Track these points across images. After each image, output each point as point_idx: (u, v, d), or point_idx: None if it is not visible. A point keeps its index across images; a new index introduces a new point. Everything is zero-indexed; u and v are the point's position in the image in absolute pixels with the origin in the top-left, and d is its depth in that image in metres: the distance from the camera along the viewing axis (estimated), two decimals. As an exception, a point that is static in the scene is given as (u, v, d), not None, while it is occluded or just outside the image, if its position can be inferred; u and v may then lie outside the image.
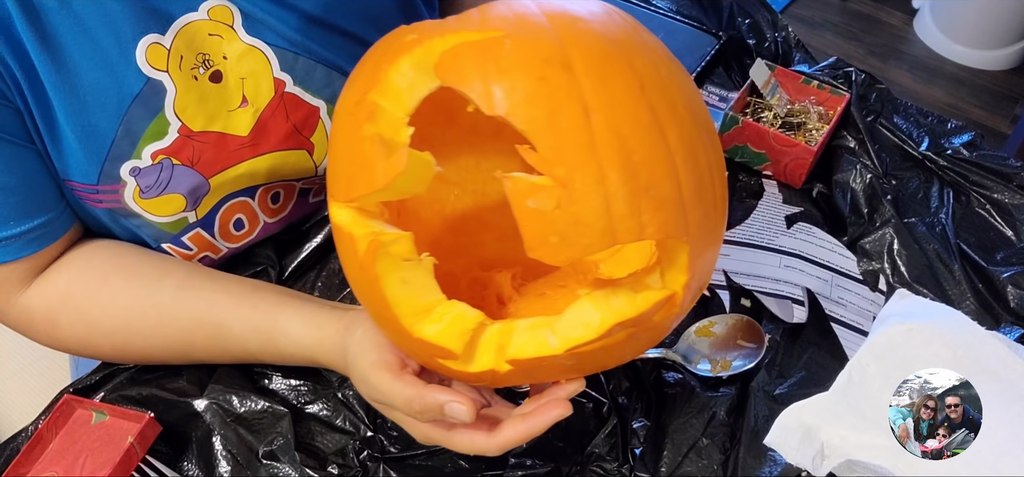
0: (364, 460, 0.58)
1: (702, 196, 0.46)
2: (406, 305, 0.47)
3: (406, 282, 0.47)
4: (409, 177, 0.46)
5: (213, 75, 0.59)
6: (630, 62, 0.45)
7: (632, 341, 0.48)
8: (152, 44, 0.56)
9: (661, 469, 0.59)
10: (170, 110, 0.57)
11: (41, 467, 0.55)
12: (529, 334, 0.46)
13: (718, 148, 0.50)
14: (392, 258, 0.47)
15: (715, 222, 0.49)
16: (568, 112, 0.42)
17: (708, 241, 0.48)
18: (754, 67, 0.82)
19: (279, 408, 0.60)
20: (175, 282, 0.60)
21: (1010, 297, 0.70)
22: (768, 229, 0.76)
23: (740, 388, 0.63)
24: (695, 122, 0.47)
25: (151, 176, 0.59)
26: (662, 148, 0.44)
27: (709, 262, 0.50)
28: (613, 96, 0.44)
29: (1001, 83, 2.29)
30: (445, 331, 0.46)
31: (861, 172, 0.78)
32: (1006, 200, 0.78)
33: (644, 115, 0.44)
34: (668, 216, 0.44)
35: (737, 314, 0.68)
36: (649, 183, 0.43)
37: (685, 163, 0.45)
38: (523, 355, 0.46)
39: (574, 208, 0.42)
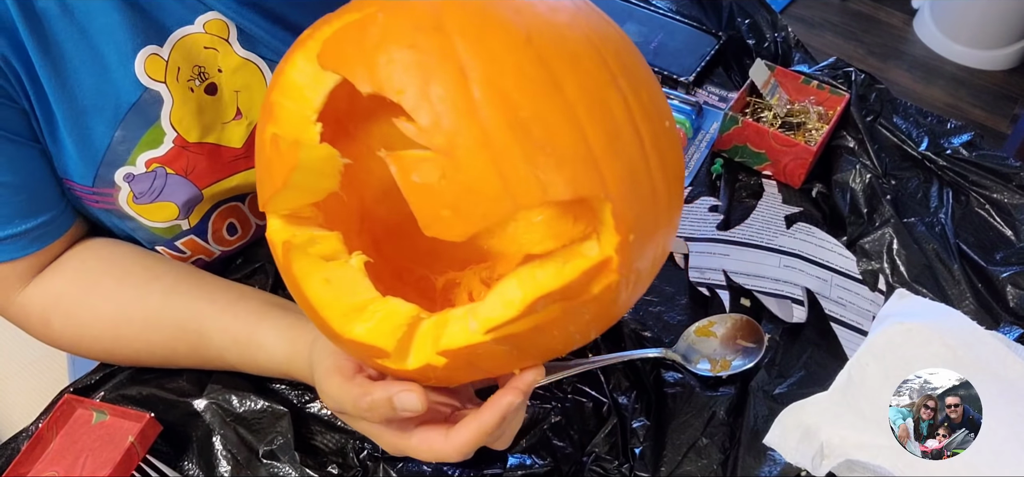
0: (364, 460, 0.58)
1: (620, 149, 0.42)
2: (333, 306, 0.45)
3: (330, 282, 0.45)
4: (312, 172, 0.44)
5: (208, 87, 0.59)
6: (515, 13, 0.42)
7: (573, 317, 0.44)
8: (151, 55, 0.56)
9: (661, 469, 0.59)
10: (166, 120, 0.58)
11: (41, 467, 0.55)
12: (459, 323, 0.43)
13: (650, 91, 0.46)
14: (310, 258, 0.45)
15: (651, 174, 0.44)
16: (442, 76, 0.39)
17: (644, 193, 0.44)
18: (754, 67, 0.82)
19: (279, 408, 0.60)
20: (164, 286, 0.60)
21: (1009, 297, 0.70)
22: (768, 229, 0.76)
23: (740, 388, 0.63)
24: (598, 68, 0.43)
25: (145, 183, 0.59)
26: (557, 100, 0.40)
27: (657, 223, 0.46)
28: (491, 51, 0.40)
29: (1000, 83, 2.29)
30: (375, 329, 0.44)
31: (860, 172, 0.78)
32: (1005, 200, 0.78)
33: (531, 68, 0.40)
34: (574, 172, 0.40)
35: (737, 314, 0.68)
36: (544, 139, 0.39)
37: (590, 114, 0.41)
38: (453, 344, 0.43)
39: (461, 176, 0.39)
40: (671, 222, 0.48)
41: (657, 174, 0.44)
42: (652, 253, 0.46)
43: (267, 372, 0.59)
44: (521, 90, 0.40)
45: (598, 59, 0.43)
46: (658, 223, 0.46)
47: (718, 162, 0.83)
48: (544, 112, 0.40)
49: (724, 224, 0.77)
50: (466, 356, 0.43)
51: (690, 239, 0.75)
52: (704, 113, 0.90)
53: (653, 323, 0.68)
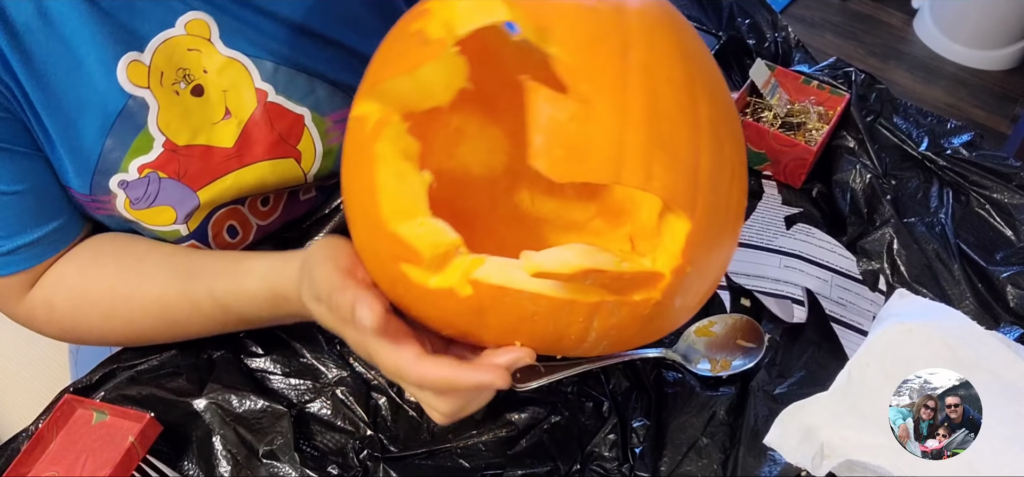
0: (364, 460, 0.58)
1: (717, 188, 0.45)
2: (392, 198, 0.45)
3: (400, 176, 0.46)
4: (439, 73, 0.45)
5: (194, 89, 0.59)
6: (679, 33, 0.46)
7: (604, 313, 0.45)
8: (132, 62, 0.56)
9: (661, 468, 0.59)
10: (154, 125, 0.58)
11: (42, 467, 0.55)
12: (500, 266, 0.44)
13: (743, 162, 0.49)
14: (394, 148, 0.46)
15: (725, 226, 0.47)
16: (609, 41, 0.43)
17: (714, 240, 0.46)
18: (754, 67, 0.82)
19: (279, 408, 0.60)
20: (162, 252, 0.61)
21: (1010, 297, 0.70)
22: (768, 230, 0.76)
23: (740, 388, 0.64)
24: (727, 119, 0.47)
25: (139, 189, 0.59)
26: (691, 115, 0.44)
27: (712, 266, 0.48)
28: (656, 46, 0.44)
29: (1001, 83, 2.29)
30: (420, 235, 0.44)
31: (861, 172, 0.78)
32: (1006, 200, 0.78)
33: (681, 77, 0.44)
34: (677, 181, 0.43)
35: (737, 314, 0.68)
36: (668, 138, 0.42)
37: (709, 145, 0.44)
38: (487, 280, 0.43)
39: (588, 127, 0.41)
40: (715, 281, 0.51)
41: (729, 229, 0.48)
42: (690, 299, 0.48)
43: (252, 300, 0.57)
44: (669, 88, 0.43)
45: (724, 108, 0.47)
46: (709, 273, 0.48)
47: (718, 162, 0.83)
48: (677, 119, 0.43)
49: (724, 224, 0.77)
50: (492, 296, 0.44)
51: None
52: (704, 113, 0.90)
53: (653, 323, 0.68)
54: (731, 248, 0.51)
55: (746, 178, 0.50)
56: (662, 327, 0.50)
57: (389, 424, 0.61)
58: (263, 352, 0.64)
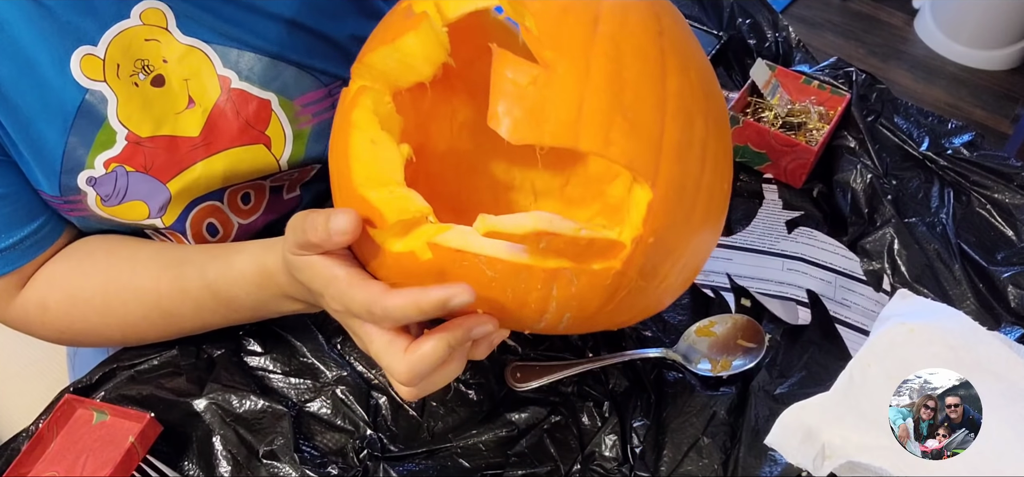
0: (364, 459, 0.58)
1: (685, 161, 0.45)
2: (364, 164, 0.46)
3: (375, 143, 0.47)
4: (421, 44, 0.47)
5: (155, 80, 0.58)
6: (657, 12, 0.46)
7: (563, 281, 0.44)
8: (86, 55, 0.56)
9: (661, 468, 0.59)
10: (114, 118, 0.57)
11: (42, 467, 0.55)
12: (461, 232, 0.44)
13: (726, 150, 0.49)
14: (369, 116, 0.47)
15: (696, 205, 0.47)
16: (579, 12, 0.44)
17: (683, 217, 0.46)
18: (755, 67, 0.82)
19: (279, 408, 0.60)
20: (158, 246, 0.61)
21: (1011, 297, 0.70)
22: (769, 234, 0.76)
23: (741, 388, 0.63)
24: (703, 99, 0.47)
25: (108, 185, 0.59)
26: (658, 88, 0.44)
27: (683, 246, 0.47)
28: (628, 20, 0.45)
29: (1001, 83, 2.29)
30: (386, 200, 0.45)
31: (861, 172, 0.78)
32: (1006, 200, 0.78)
33: (651, 50, 0.45)
34: (637, 148, 0.43)
35: (737, 314, 0.68)
36: (630, 105, 0.43)
37: (676, 118, 0.44)
38: (446, 243, 0.44)
39: (548, 91, 0.42)
40: (692, 267, 0.50)
41: (699, 213, 0.47)
42: (659, 280, 0.48)
43: (241, 277, 0.57)
44: (634, 59, 0.44)
45: (702, 87, 0.47)
46: (676, 254, 0.47)
47: (719, 162, 0.83)
48: (642, 88, 0.44)
49: (726, 229, 0.77)
50: (451, 259, 0.44)
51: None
52: (705, 113, 0.90)
53: (654, 323, 0.68)
54: (710, 235, 0.50)
55: (729, 166, 0.50)
56: (630, 305, 0.49)
57: (389, 424, 0.61)
58: (263, 350, 0.64)
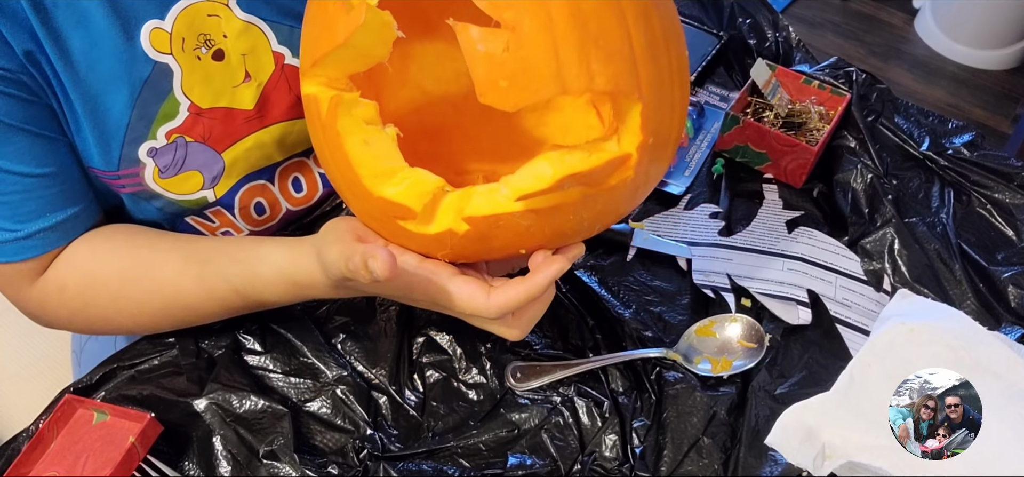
0: (364, 459, 0.58)
1: (655, 57, 0.47)
2: (368, 165, 0.49)
3: (368, 143, 0.49)
4: (370, 34, 0.48)
5: (215, 54, 0.61)
6: None
7: (589, 204, 0.48)
8: (154, 29, 0.58)
9: (661, 468, 0.59)
10: (179, 90, 0.60)
11: (42, 467, 0.55)
12: (486, 194, 0.47)
13: (675, 20, 0.51)
14: (354, 119, 0.49)
15: (672, 88, 0.49)
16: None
17: (665, 105, 0.49)
18: (755, 67, 0.82)
19: (279, 407, 0.60)
20: (177, 237, 0.62)
21: (1011, 297, 0.70)
22: (770, 234, 0.76)
23: (741, 387, 0.63)
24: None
25: (168, 155, 0.61)
26: (613, 3, 0.45)
27: (669, 130, 0.51)
28: None
29: (1002, 83, 2.28)
30: (406, 191, 0.48)
31: (862, 172, 0.78)
32: (1007, 200, 0.78)
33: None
34: (618, 69, 0.45)
35: (738, 314, 0.68)
36: (598, 33, 0.44)
37: (636, 22, 0.46)
38: (479, 212, 0.47)
39: (522, 52, 0.43)
40: (677, 138, 0.53)
41: (677, 90, 0.50)
42: (660, 163, 0.51)
43: (268, 287, 0.59)
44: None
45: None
46: (671, 134, 0.51)
47: (719, 162, 0.83)
48: (600, 9, 0.45)
49: (726, 230, 0.77)
50: (488, 225, 0.47)
51: (693, 244, 0.75)
52: (705, 113, 0.90)
53: (654, 323, 0.68)
54: (682, 106, 0.53)
55: (680, 30, 0.52)
56: (642, 193, 0.53)
57: (389, 424, 0.61)
58: (263, 350, 0.64)
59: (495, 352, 0.65)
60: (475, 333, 0.65)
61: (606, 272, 0.72)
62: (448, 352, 0.65)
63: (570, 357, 0.65)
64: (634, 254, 0.74)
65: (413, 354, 0.65)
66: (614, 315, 0.67)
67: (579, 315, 0.68)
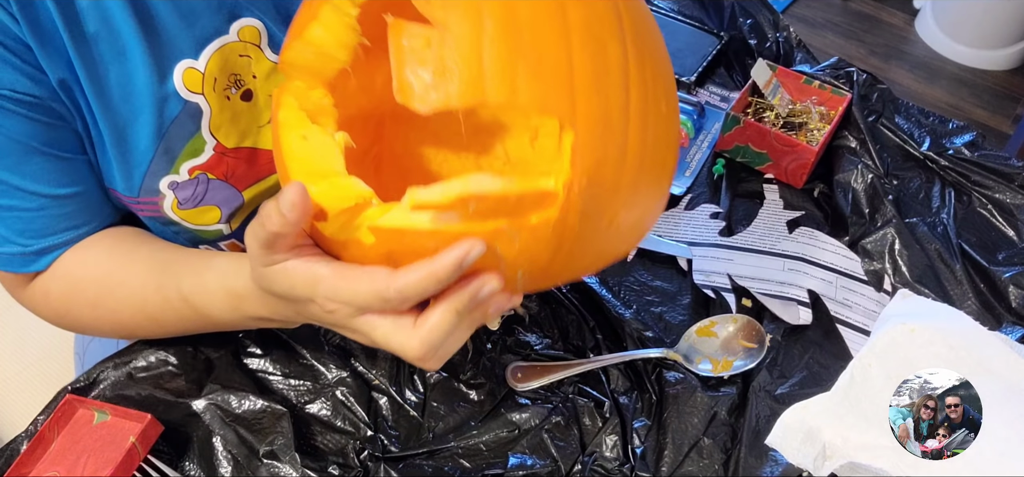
0: (364, 460, 0.58)
1: (604, 91, 0.43)
2: (299, 161, 0.46)
3: (306, 138, 0.46)
4: (328, 32, 0.47)
5: (244, 94, 0.60)
6: None
7: (504, 239, 0.43)
8: (187, 69, 0.57)
9: (662, 469, 0.59)
10: (206, 130, 0.59)
11: (43, 467, 0.55)
12: (399, 209, 0.43)
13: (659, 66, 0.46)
14: (297, 112, 0.47)
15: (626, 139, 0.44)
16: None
17: (617, 151, 0.44)
18: (755, 67, 0.82)
19: (278, 408, 0.60)
20: (154, 246, 0.62)
21: (1012, 297, 0.70)
22: (770, 234, 0.76)
23: (741, 388, 0.63)
24: (619, 21, 0.44)
25: (188, 189, 0.61)
26: (557, 20, 0.42)
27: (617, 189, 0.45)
28: None
29: (1002, 83, 2.28)
30: (326, 193, 0.44)
31: (862, 172, 0.78)
32: (1007, 200, 0.78)
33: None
34: (546, 90, 0.41)
35: (738, 314, 0.68)
36: (531, 47, 0.41)
37: (583, 46, 0.42)
38: (385, 225, 0.43)
39: (445, 51, 0.41)
40: (634, 204, 0.47)
41: (634, 141, 0.45)
42: (603, 224, 0.45)
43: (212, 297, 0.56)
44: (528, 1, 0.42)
45: (613, 11, 0.44)
46: (618, 190, 0.45)
47: (720, 162, 0.83)
48: (540, 24, 0.41)
49: (727, 230, 0.77)
50: (393, 239, 0.43)
51: (693, 244, 0.75)
52: (706, 113, 0.90)
53: (655, 323, 0.68)
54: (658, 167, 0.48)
55: (666, 87, 0.47)
56: (583, 252, 0.47)
57: (390, 424, 0.61)
58: (262, 353, 0.64)
59: (496, 352, 0.65)
60: (476, 333, 0.65)
61: (606, 272, 0.72)
62: (448, 352, 0.65)
63: (570, 357, 0.65)
64: (635, 254, 0.74)
65: (413, 354, 0.65)
66: (615, 315, 0.67)
67: (580, 315, 0.68)
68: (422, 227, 0.42)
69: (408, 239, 0.42)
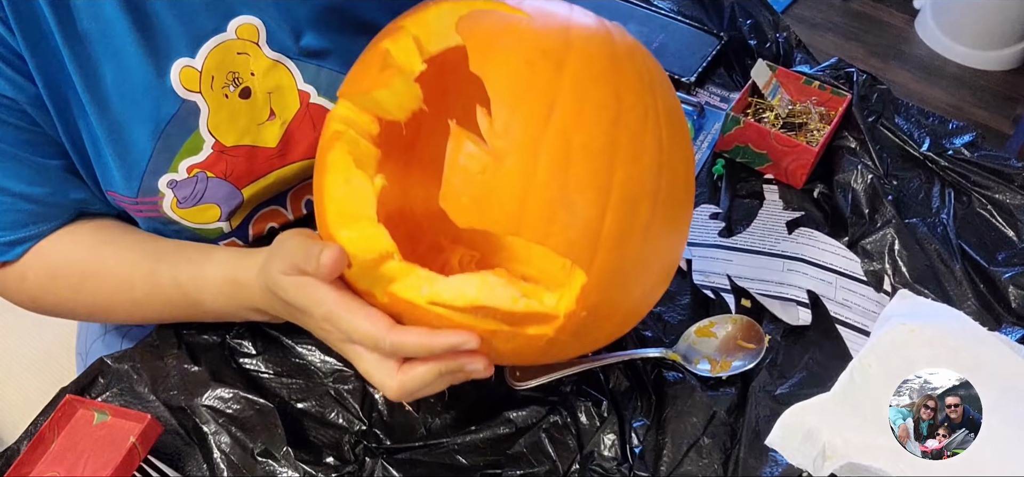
0: (361, 455, 0.58)
1: (623, 248, 0.47)
2: (338, 203, 0.50)
3: (348, 183, 0.50)
4: (393, 97, 0.51)
5: (242, 92, 0.60)
6: (618, 91, 0.47)
7: (504, 339, 0.48)
8: (184, 67, 0.57)
9: (661, 468, 0.59)
10: (204, 128, 0.59)
11: (43, 467, 0.55)
12: (413, 283, 0.48)
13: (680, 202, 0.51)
14: (345, 156, 0.50)
15: (634, 281, 0.49)
16: (535, 102, 0.45)
17: (615, 294, 0.48)
18: (755, 67, 0.82)
19: (275, 406, 0.60)
20: (139, 235, 0.62)
21: (1011, 298, 0.70)
22: (770, 235, 0.76)
23: (741, 388, 0.63)
24: (658, 176, 0.48)
25: (187, 188, 0.61)
26: (603, 179, 0.45)
27: (614, 314, 0.51)
28: (582, 111, 0.45)
29: (1002, 83, 2.28)
30: (355, 240, 0.48)
31: (862, 172, 0.78)
32: (1007, 200, 0.78)
33: (601, 142, 0.45)
34: (574, 240, 0.45)
35: (737, 315, 0.68)
36: (572, 202, 0.45)
37: (618, 208, 0.46)
38: (399, 294, 0.47)
39: (495, 181, 0.44)
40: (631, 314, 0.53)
41: (643, 283, 0.50)
42: (594, 333, 0.51)
43: (210, 282, 0.59)
44: (581, 155, 0.45)
45: (656, 163, 0.48)
46: (614, 315, 0.51)
47: (719, 163, 0.83)
48: (585, 182, 0.45)
49: (726, 231, 0.77)
50: (404, 308, 0.48)
51: (693, 245, 0.75)
52: (706, 114, 0.90)
53: (654, 323, 0.68)
54: (656, 285, 0.53)
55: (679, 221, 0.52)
56: (566, 352, 0.53)
57: (386, 420, 0.61)
58: (256, 352, 0.65)
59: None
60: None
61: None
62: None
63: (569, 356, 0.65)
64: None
65: (413, 354, 0.65)
66: (614, 315, 0.67)
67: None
68: (430, 309, 0.47)
69: (416, 311, 0.48)
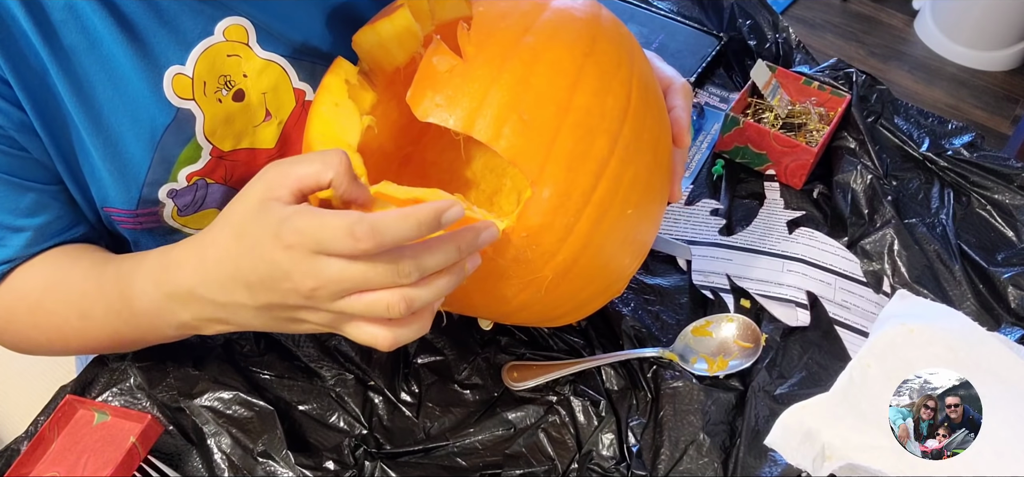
0: (360, 457, 0.58)
1: (574, 173, 0.48)
2: (322, 122, 0.52)
3: (338, 106, 0.53)
4: (395, 31, 0.54)
5: (236, 95, 0.59)
6: (594, 35, 0.50)
7: None
8: (176, 75, 0.57)
9: (659, 467, 0.59)
10: (201, 135, 0.59)
11: (43, 467, 0.55)
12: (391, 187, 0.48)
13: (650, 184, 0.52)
14: (341, 81, 0.54)
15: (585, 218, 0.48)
16: (511, 25, 0.50)
17: (560, 218, 0.48)
18: (755, 68, 0.82)
19: (274, 408, 0.60)
20: (100, 254, 0.59)
21: (1011, 298, 0.70)
22: (770, 234, 0.76)
23: (740, 388, 0.63)
24: (621, 124, 0.49)
25: (187, 196, 0.60)
26: (562, 97, 0.48)
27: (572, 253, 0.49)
28: (555, 35, 0.50)
29: (1002, 84, 2.28)
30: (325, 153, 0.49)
31: (862, 173, 0.78)
32: (1007, 201, 0.78)
33: (567, 65, 0.49)
34: (523, 147, 0.47)
35: (734, 314, 0.68)
36: (528, 110, 0.47)
37: (573, 130, 0.48)
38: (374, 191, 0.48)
39: (461, 82, 0.48)
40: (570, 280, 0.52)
41: (584, 227, 0.49)
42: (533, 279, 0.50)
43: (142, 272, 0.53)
44: (546, 70, 0.48)
45: (619, 115, 0.50)
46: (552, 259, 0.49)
47: (719, 163, 0.83)
48: (545, 95, 0.48)
49: (726, 229, 0.77)
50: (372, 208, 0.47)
51: (693, 243, 0.75)
52: (705, 114, 0.90)
53: (651, 323, 0.68)
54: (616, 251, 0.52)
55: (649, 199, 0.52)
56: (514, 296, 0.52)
57: (385, 423, 0.61)
58: (258, 352, 0.65)
59: (491, 352, 0.65)
60: (470, 333, 0.65)
61: (606, 273, 0.72)
62: (443, 353, 0.65)
63: (566, 356, 0.65)
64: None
65: (409, 355, 0.65)
66: (611, 313, 0.67)
67: (579, 315, 0.68)
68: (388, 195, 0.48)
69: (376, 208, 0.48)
